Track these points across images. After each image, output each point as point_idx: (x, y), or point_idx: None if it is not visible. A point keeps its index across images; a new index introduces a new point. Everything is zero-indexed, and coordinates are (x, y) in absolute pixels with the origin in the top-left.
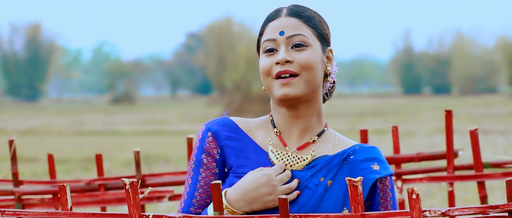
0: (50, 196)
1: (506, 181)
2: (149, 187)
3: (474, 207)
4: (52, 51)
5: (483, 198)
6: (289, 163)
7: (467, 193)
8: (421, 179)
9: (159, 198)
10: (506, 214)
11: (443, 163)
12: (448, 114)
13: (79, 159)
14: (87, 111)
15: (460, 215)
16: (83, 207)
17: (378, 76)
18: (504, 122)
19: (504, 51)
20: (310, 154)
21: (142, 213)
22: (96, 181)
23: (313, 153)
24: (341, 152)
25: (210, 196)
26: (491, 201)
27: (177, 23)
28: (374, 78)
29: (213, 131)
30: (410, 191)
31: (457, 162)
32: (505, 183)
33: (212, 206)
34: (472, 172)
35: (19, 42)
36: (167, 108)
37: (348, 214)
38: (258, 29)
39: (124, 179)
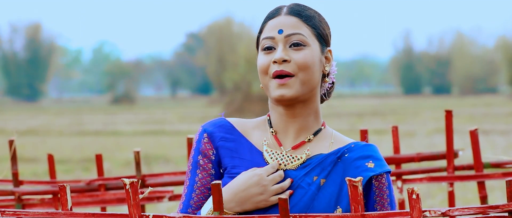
0: (50, 196)
1: (506, 181)
2: (149, 187)
3: (474, 207)
4: (52, 51)
5: (483, 198)
6: (284, 163)
7: (467, 193)
8: (421, 179)
9: (159, 198)
10: (506, 214)
11: (443, 163)
12: (448, 114)
13: (79, 159)
14: (87, 111)
15: (460, 215)
16: (83, 207)
17: (378, 76)
18: (504, 122)
19: (504, 51)
20: (305, 153)
21: (142, 213)
22: (96, 181)
23: (308, 152)
24: (336, 150)
25: (207, 197)
26: (491, 201)
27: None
28: (374, 78)
29: (209, 132)
30: (410, 191)
31: (457, 162)
32: (505, 183)
33: (206, 206)
34: (472, 172)
35: (19, 42)
36: (167, 108)
37: (348, 214)
38: (258, 29)
39: (124, 179)
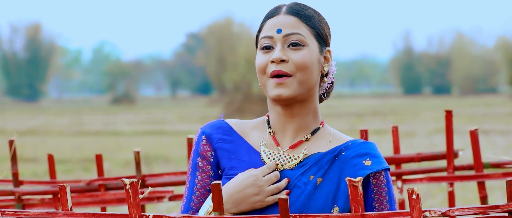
0: (50, 196)
1: (506, 181)
2: (149, 187)
3: (474, 207)
4: (52, 51)
5: (483, 198)
6: (281, 162)
7: (467, 193)
8: (421, 179)
9: (159, 198)
10: (506, 214)
11: (443, 163)
12: (448, 114)
13: (79, 159)
14: (87, 111)
15: (460, 215)
16: (83, 207)
17: (378, 76)
18: (504, 122)
19: (504, 51)
20: (302, 153)
21: (142, 213)
22: (96, 181)
23: (305, 152)
24: (333, 149)
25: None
26: (491, 201)
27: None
28: (374, 78)
29: (207, 134)
30: (410, 191)
31: (457, 162)
32: (505, 183)
33: (203, 207)
34: (472, 172)
35: (19, 42)
36: (167, 108)
37: (348, 214)
38: (258, 29)
39: (124, 179)
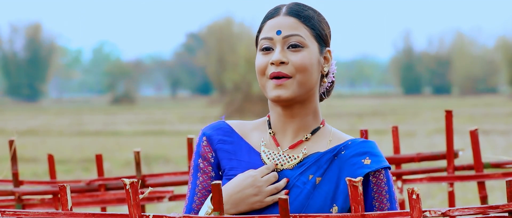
0: (50, 196)
1: (506, 181)
2: (149, 187)
3: (474, 207)
4: (52, 51)
5: (483, 198)
6: (280, 162)
7: (467, 193)
8: (421, 179)
9: (159, 198)
10: (506, 214)
11: (443, 163)
12: (448, 114)
13: (79, 159)
14: (87, 111)
15: (460, 215)
16: (83, 207)
17: (378, 76)
18: (504, 122)
19: (504, 51)
20: (302, 152)
21: (142, 213)
22: (96, 181)
23: (305, 152)
24: (333, 148)
25: None
26: (491, 201)
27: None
28: (374, 78)
29: (207, 135)
30: (410, 191)
31: (457, 162)
32: (505, 183)
33: (202, 209)
34: (472, 172)
35: (19, 42)
36: (167, 108)
37: (348, 214)
38: (258, 29)
39: (124, 179)
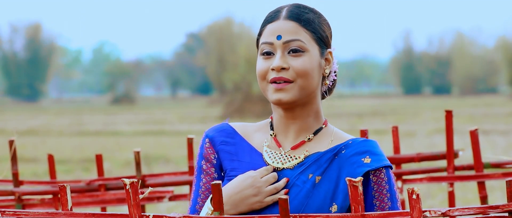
0: (51, 196)
1: (506, 181)
2: (149, 187)
3: (474, 207)
4: (52, 51)
5: (483, 198)
6: (282, 162)
7: (467, 193)
8: (421, 179)
9: (159, 198)
10: (506, 214)
11: (443, 163)
12: (448, 114)
13: (79, 159)
14: (87, 111)
15: (460, 215)
16: (83, 207)
17: (378, 76)
18: (504, 122)
19: (504, 51)
20: (303, 153)
21: (142, 213)
22: (96, 181)
23: (306, 153)
24: (333, 148)
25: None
26: (491, 201)
27: (177, 23)
28: (374, 78)
29: (210, 137)
30: (410, 191)
31: (457, 162)
32: (505, 183)
33: (203, 210)
34: (472, 172)
35: (19, 42)
36: (167, 108)
37: (348, 214)
38: (258, 29)
39: (124, 179)
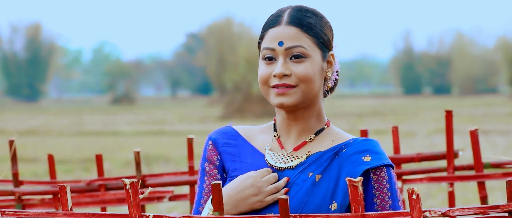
0: (51, 197)
1: (506, 181)
2: (150, 187)
3: (474, 207)
4: (52, 51)
5: (483, 198)
6: (284, 162)
7: (467, 193)
8: (421, 179)
9: (160, 198)
10: (506, 215)
11: (443, 163)
12: (448, 114)
13: (79, 159)
14: (87, 111)
15: (460, 215)
16: (84, 208)
17: (378, 76)
18: (504, 122)
19: (504, 51)
20: (305, 153)
21: (142, 213)
22: (96, 181)
23: (308, 153)
24: (334, 147)
25: None
26: (491, 201)
27: (177, 23)
28: (374, 78)
29: (213, 140)
30: (410, 191)
31: (457, 162)
32: (505, 183)
33: (204, 210)
34: (472, 172)
35: (19, 42)
36: (167, 108)
37: (348, 214)
38: (258, 29)
39: (125, 179)
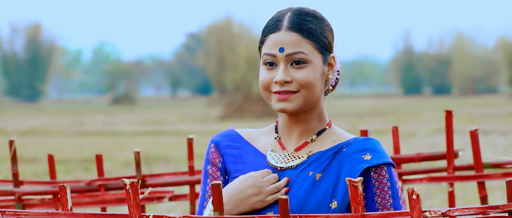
0: (51, 197)
1: (506, 182)
2: (149, 188)
3: (474, 208)
4: (52, 51)
5: (483, 199)
6: (285, 162)
7: (467, 194)
8: (421, 179)
9: (159, 199)
10: (506, 215)
11: (443, 163)
12: (448, 114)
13: (79, 159)
14: (87, 111)
15: (460, 216)
16: (83, 208)
17: (378, 76)
18: (504, 122)
19: (504, 51)
20: (306, 153)
21: (142, 214)
22: (96, 182)
23: (309, 153)
24: (334, 146)
25: None
26: (491, 202)
27: (177, 23)
28: (374, 78)
29: (215, 142)
30: (410, 192)
31: (457, 162)
32: (505, 184)
33: (205, 212)
34: (472, 173)
35: (19, 42)
36: (167, 108)
37: (348, 214)
38: (258, 29)
39: (125, 180)
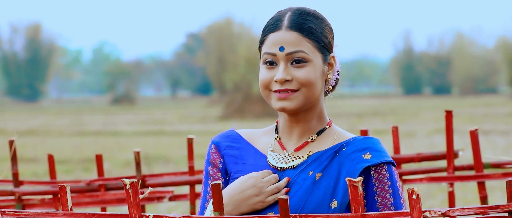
0: (51, 197)
1: (506, 182)
2: (149, 188)
3: (474, 208)
4: (52, 51)
5: (483, 199)
6: (285, 162)
7: (467, 194)
8: (421, 180)
9: (159, 199)
10: (506, 215)
11: (443, 163)
12: (448, 114)
13: (79, 159)
14: (87, 111)
15: (460, 216)
16: (83, 208)
17: (378, 76)
18: (504, 122)
19: (504, 51)
20: (307, 153)
21: (142, 214)
22: (96, 182)
23: (309, 153)
24: (334, 146)
25: None
26: (491, 202)
27: (177, 23)
28: (374, 78)
29: (216, 143)
30: (410, 192)
31: (457, 162)
32: (505, 184)
33: (206, 213)
34: (472, 173)
35: (19, 42)
36: (167, 108)
37: (348, 214)
38: (258, 29)
39: (125, 180)
